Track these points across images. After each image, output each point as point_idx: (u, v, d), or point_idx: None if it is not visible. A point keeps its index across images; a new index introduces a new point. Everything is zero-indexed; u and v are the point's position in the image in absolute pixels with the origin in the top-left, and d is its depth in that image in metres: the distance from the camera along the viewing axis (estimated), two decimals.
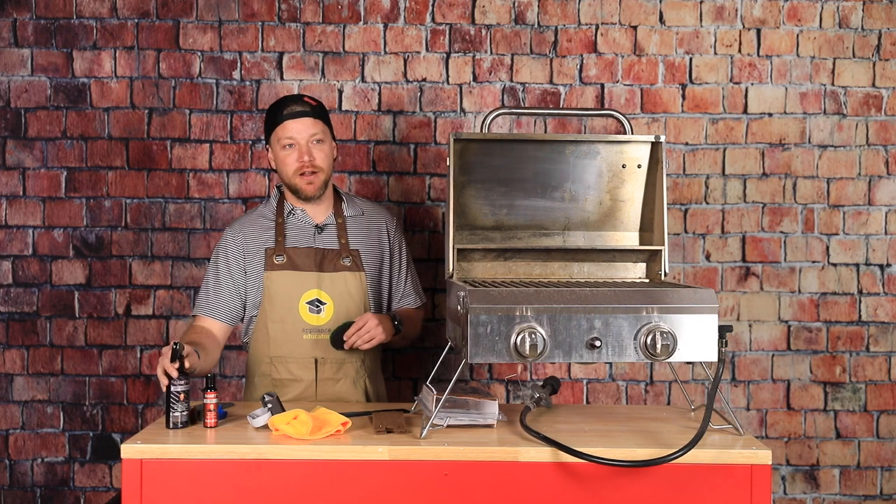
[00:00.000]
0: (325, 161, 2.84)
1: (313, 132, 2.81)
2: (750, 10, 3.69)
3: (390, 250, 2.98)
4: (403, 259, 3.02)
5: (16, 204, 3.68)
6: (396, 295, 3.00)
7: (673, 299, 2.27)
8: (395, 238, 3.00)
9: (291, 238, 2.88)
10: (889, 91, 3.70)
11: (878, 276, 3.71)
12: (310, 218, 2.90)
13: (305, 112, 2.80)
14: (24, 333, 3.68)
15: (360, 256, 2.89)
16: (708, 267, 3.71)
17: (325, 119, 2.87)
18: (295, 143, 2.81)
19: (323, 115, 2.87)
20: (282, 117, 2.81)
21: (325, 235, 2.89)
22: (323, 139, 2.83)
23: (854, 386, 3.71)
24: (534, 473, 2.24)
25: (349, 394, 2.89)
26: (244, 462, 2.25)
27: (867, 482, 3.71)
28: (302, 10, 3.67)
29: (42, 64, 3.67)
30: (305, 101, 2.85)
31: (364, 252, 2.91)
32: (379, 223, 2.98)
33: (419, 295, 3.06)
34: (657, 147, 2.67)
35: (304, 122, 2.80)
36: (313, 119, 2.81)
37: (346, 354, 2.86)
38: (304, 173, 2.81)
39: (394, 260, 2.98)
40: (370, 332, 2.73)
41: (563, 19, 3.68)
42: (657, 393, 3.72)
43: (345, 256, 2.86)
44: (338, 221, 2.91)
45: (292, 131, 2.80)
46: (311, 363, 2.86)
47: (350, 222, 2.93)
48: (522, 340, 2.20)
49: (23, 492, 3.68)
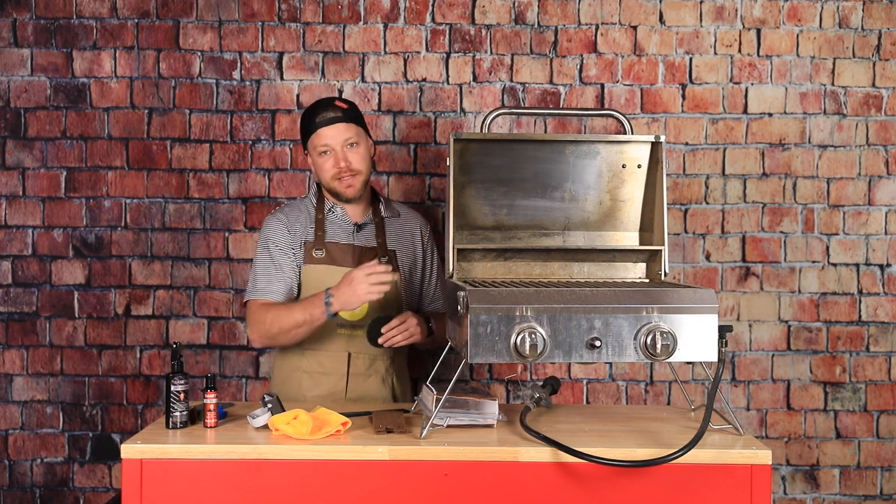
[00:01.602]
0: (362, 163, 2.87)
1: (347, 136, 2.84)
2: (750, 10, 3.69)
3: (423, 253, 3.03)
4: (435, 263, 3.06)
5: (15, 204, 3.68)
6: (426, 298, 3.05)
7: (673, 299, 2.27)
8: (428, 242, 3.06)
9: (331, 234, 2.93)
10: (889, 91, 3.70)
11: (878, 276, 3.71)
12: (348, 217, 2.96)
13: (338, 118, 2.84)
14: (24, 333, 3.68)
15: (395, 257, 2.94)
16: (708, 267, 3.71)
17: (358, 121, 2.91)
18: (330, 150, 2.85)
19: (356, 118, 2.91)
20: (315, 125, 2.85)
21: (364, 234, 2.95)
22: (358, 142, 2.87)
23: (854, 386, 3.71)
24: (534, 473, 2.24)
25: (377, 391, 2.94)
26: (244, 462, 2.25)
27: (867, 482, 3.71)
28: (302, 10, 3.67)
29: (42, 64, 3.66)
30: (337, 105, 2.88)
31: (399, 253, 2.97)
32: (413, 226, 3.04)
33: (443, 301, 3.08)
34: (657, 147, 2.67)
35: (337, 128, 2.84)
36: (346, 123, 2.85)
37: (378, 351, 2.90)
38: (343, 178, 2.85)
39: (426, 263, 3.03)
40: (409, 330, 2.79)
41: (563, 19, 3.68)
42: (657, 393, 3.71)
43: (382, 255, 2.90)
44: (375, 221, 2.96)
45: (327, 138, 2.84)
46: (343, 357, 2.90)
47: (387, 223, 2.98)
48: (522, 340, 2.20)
49: (22, 492, 3.68)
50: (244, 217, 3.68)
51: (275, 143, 3.67)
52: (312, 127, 2.86)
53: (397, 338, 2.78)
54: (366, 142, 2.92)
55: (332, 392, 2.91)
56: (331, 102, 2.90)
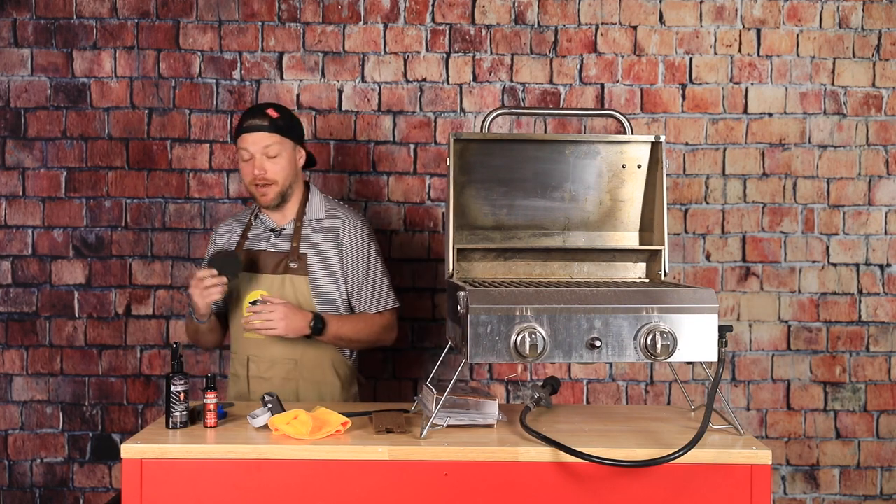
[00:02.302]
0: (279, 174, 2.89)
1: (266, 145, 2.86)
2: (750, 10, 3.69)
3: (344, 257, 2.95)
4: (361, 267, 2.97)
5: (15, 204, 3.68)
6: (355, 301, 2.99)
7: (673, 299, 2.27)
8: (350, 246, 2.96)
9: (252, 240, 2.99)
10: (889, 91, 3.70)
11: (878, 276, 3.71)
12: (271, 222, 2.99)
13: (262, 126, 2.86)
14: (24, 333, 3.68)
15: (307, 260, 2.92)
16: (708, 267, 3.71)
17: (284, 131, 2.90)
18: (250, 156, 2.88)
19: (283, 128, 2.90)
20: (241, 129, 2.89)
21: (281, 239, 2.96)
22: (278, 153, 2.88)
23: (854, 386, 3.71)
24: (534, 473, 2.24)
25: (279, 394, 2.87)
26: (244, 462, 2.25)
27: (867, 482, 3.71)
28: (302, 10, 3.67)
29: (42, 64, 3.67)
30: (267, 113, 2.89)
31: (314, 256, 2.93)
32: (336, 230, 2.96)
33: (382, 301, 2.99)
34: (657, 147, 2.67)
35: (258, 137, 2.86)
36: (269, 133, 2.86)
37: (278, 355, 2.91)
38: (258, 185, 2.89)
39: (348, 267, 2.95)
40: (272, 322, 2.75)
41: (563, 19, 3.68)
42: (657, 393, 3.72)
43: (292, 260, 2.91)
44: (296, 225, 2.96)
45: (247, 144, 2.87)
46: (244, 360, 2.97)
47: (307, 226, 2.96)
48: (522, 340, 2.20)
49: (22, 492, 3.68)
50: None
51: None
52: (239, 130, 2.90)
53: (255, 323, 2.77)
54: (290, 153, 2.92)
55: (241, 394, 2.97)
56: (262, 109, 2.91)
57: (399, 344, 3.68)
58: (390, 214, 3.70)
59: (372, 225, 3.06)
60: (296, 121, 2.98)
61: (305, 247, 2.94)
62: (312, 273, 2.92)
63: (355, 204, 3.69)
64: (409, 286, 3.70)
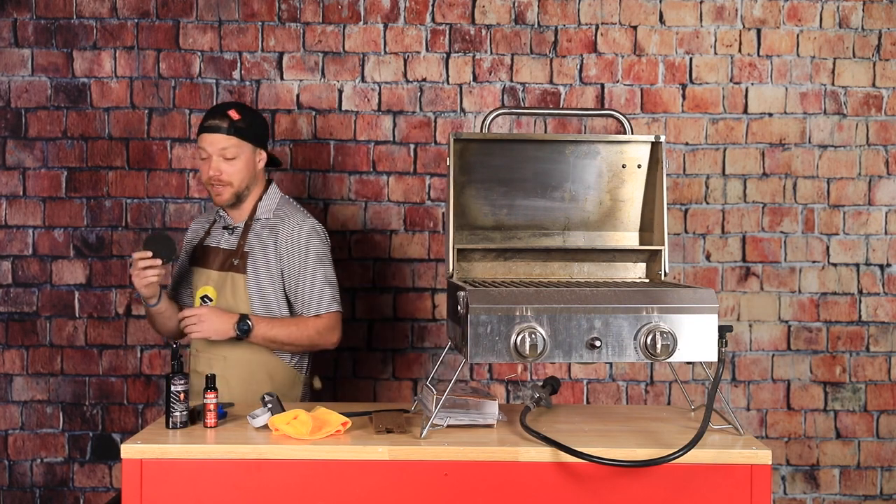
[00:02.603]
0: (235, 176, 2.91)
1: (223, 147, 2.88)
2: (750, 10, 3.69)
3: (280, 257, 2.92)
4: (296, 268, 2.92)
5: (16, 204, 3.68)
6: (293, 302, 2.96)
7: (673, 299, 2.27)
8: (287, 245, 2.92)
9: (211, 237, 3.05)
10: (889, 91, 3.70)
11: (878, 276, 3.71)
12: (229, 220, 3.03)
13: (220, 128, 2.88)
14: (24, 333, 3.68)
15: (247, 259, 2.94)
16: (708, 267, 3.71)
17: (243, 134, 2.91)
18: (208, 155, 2.91)
19: (242, 131, 2.91)
20: (201, 128, 2.92)
21: (233, 237, 3.00)
22: (236, 155, 2.90)
23: (854, 386, 3.71)
24: (534, 473, 2.24)
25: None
26: (244, 462, 2.25)
27: (867, 482, 3.71)
28: (302, 10, 3.67)
29: (42, 64, 3.67)
30: (228, 114, 2.90)
31: (256, 256, 2.94)
32: (277, 232, 2.93)
33: (320, 304, 2.93)
34: (657, 147, 2.67)
35: (216, 138, 2.89)
36: (226, 136, 2.88)
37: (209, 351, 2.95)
38: (213, 185, 2.92)
39: (285, 267, 2.93)
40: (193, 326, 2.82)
41: (563, 19, 3.68)
42: (657, 393, 3.72)
43: (235, 258, 2.94)
44: (247, 224, 2.99)
45: (205, 144, 2.91)
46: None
47: (256, 226, 2.98)
48: (522, 340, 2.20)
49: (22, 492, 3.68)
50: None
51: (274, 143, 3.67)
52: (200, 129, 2.93)
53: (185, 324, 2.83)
54: (248, 155, 2.93)
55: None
56: (224, 110, 2.92)
57: (399, 344, 3.69)
58: (390, 214, 3.70)
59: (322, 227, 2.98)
60: (258, 122, 2.98)
61: (249, 246, 2.95)
62: (251, 272, 2.92)
63: (355, 205, 3.70)
64: (409, 286, 3.71)
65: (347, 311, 3.69)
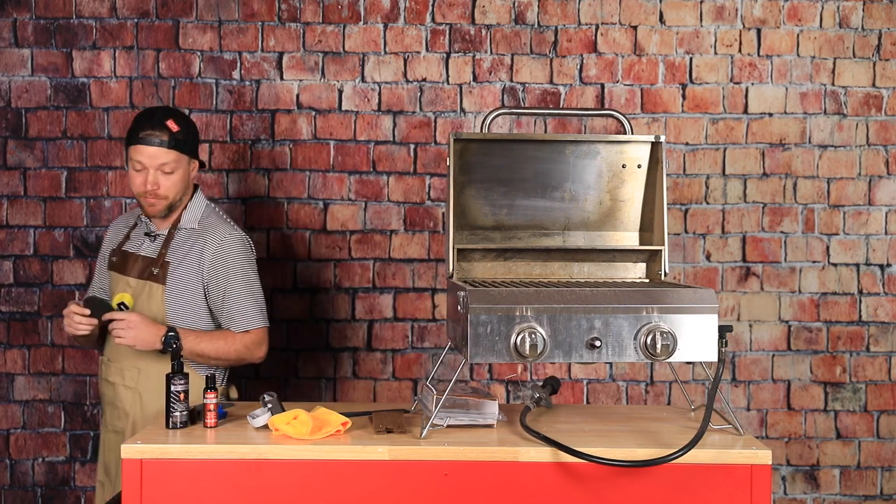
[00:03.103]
0: (171, 189, 2.84)
1: (163, 162, 2.81)
2: (750, 10, 3.69)
3: (203, 270, 2.86)
4: (223, 282, 2.86)
5: (16, 204, 3.68)
6: (219, 316, 2.90)
7: (673, 299, 2.27)
8: (213, 259, 2.86)
9: (131, 242, 2.96)
10: (889, 91, 3.69)
11: (879, 276, 3.71)
12: (152, 226, 2.95)
13: (162, 142, 2.79)
14: (25, 333, 3.68)
15: (167, 269, 2.86)
16: (708, 267, 3.71)
17: (182, 147, 2.83)
18: (144, 168, 2.82)
19: (180, 144, 2.83)
20: (137, 138, 2.81)
21: (154, 244, 2.92)
22: (174, 169, 2.83)
23: (854, 386, 3.71)
24: (534, 473, 2.24)
25: (117, 400, 2.90)
26: (244, 462, 2.25)
27: (867, 482, 3.71)
28: (302, 10, 3.67)
29: (42, 64, 3.67)
30: (167, 126, 2.81)
31: (177, 266, 2.87)
32: (202, 244, 2.87)
33: (245, 320, 2.87)
34: (657, 147, 2.67)
35: (155, 152, 2.80)
36: (167, 150, 2.80)
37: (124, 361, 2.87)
38: (147, 197, 2.84)
39: (209, 281, 2.86)
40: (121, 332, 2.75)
41: (563, 19, 3.68)
42: (657, 393, 3.72)
43: (155, 266, 2.87)
44: (169, 232, 2.91)
45: (143, 156, 2.81)
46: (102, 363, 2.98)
47: (179, 235, 2.90)
48: (522, 340, 2.20)
49: (23, 491, 3.69)
50: (243, 217, 3.68)
51: (274, 143, 3.68)
52: (135, 138, 2.82)
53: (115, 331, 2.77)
54: (185, 167, 2.86)
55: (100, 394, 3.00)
56: (162, 122, 2.82)
57: (399, 344, 3.69)
58: (390, 214, 3.70)
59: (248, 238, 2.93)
60: (193, 131, 2.91)
61: (171, 255, 2.87)
62: (170, 283, 2.85)
63: (355, 205, 3.70)
64: (410, 286, 3.71)
65: (348, 311, 3.70)
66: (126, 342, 2.76)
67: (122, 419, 2.89)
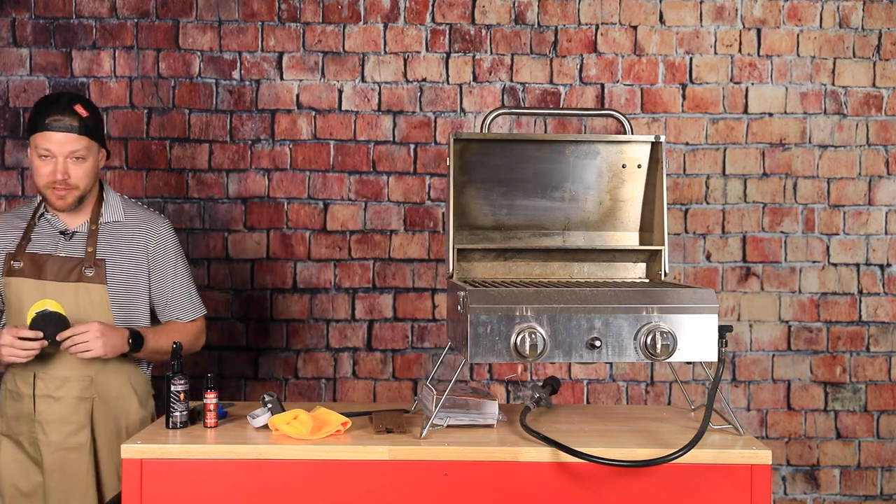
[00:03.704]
0: (83, 179, 2.65)
1: (74, 149, 2.61)
2: (750, 10, 3.69)
3: (149, 262, 2.75)
4: (168, 272, 2.78)
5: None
6: (163, 308, 2.79)
7: (673, 299, 2.27)
8: (157, 250, 2.76)
9: (36, 243, 2.70)
10: (889, 91, 3.69)
11: (879, 276, 3.70)
12: (61, 223, 2.72)
13: (72, 127, 2.59)
14: None
15: (105, 267, 2.67)
16: (708, 267, 3.71)
17: (92, 134, 2.65)
18: (52, 156, 2.61)
19: (91, 130, 2.65)
20: (44, 124, 2.59)
21: (73, 243, 2.70)
22: (85, 156, 2.63)
23: (854, 386, 3.71)
24: (534, 473, 2.24)
25: (70, 415, 2.66)
26: (244, 462, 2.25)
27: (867, 482, 3.71)
28: (302, 10, 3.67)
29: (41, 63, 3.66)
30: (76, 110, 2.62)
31: (114, 262, 2.70)
32: (138, 232, 2.75)
33: (193, 309, 2.83)
34: (657, 147, 2.67)
35: (66, 138, 2.59)
36: (78, 136, 2.60)
37: (70, 372, 2.66)
38: (56, 188, 2.63)
39: (155, 273, 2.75)
40: (87, 344, 2.54)
41: (563, 19, 3.68)
42: (657, 393, 3.71)
43: (87, 266, 2.66)
44: (91, 228, 2.71)
45: (51, 143, 2.59)
46: (29, 378, 2.66)
47: (105, 229, 2.72)
48: (522, 340, 2.20)
49: None
50: (243, 217, 3.68)
51: (274, 143, 3.67)
52: (40, 125, 2.59)
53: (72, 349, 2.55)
54: (95, 156, 2.68)
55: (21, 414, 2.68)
56: (70, 106, 2.61)
57: (399, 344, 3.69)
58: (390, 214, 3.70)
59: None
60: (100, 117, 2.72)
61: (103, 252, 2.69)
62: (112, 281, 2.68)
63: (355, 205, 3.69)
64: (409, 286, 3.70)
65: (348, 311, 3.69)
66: (96, 354, 2.56)
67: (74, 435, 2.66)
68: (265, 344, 3.69)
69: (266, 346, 3.69)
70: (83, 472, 2.67)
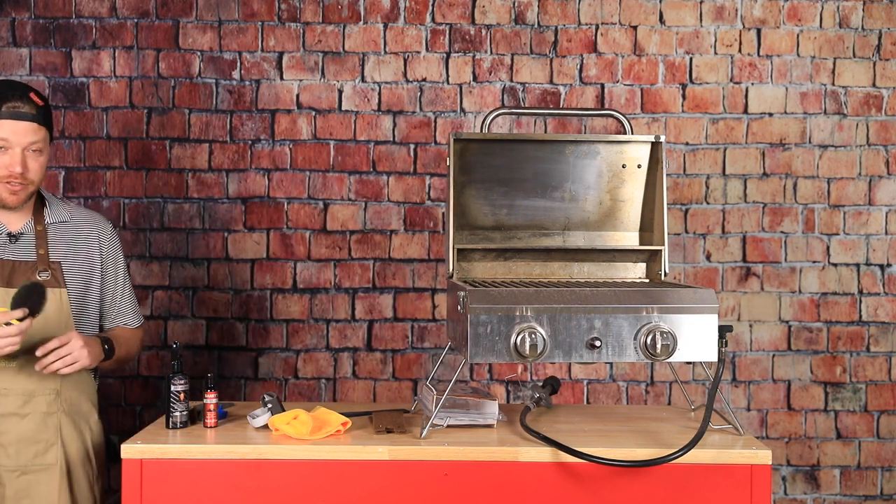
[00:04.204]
0: (39, 173, 2.47)
1: (34, 140, 2.42)
2: (750, 10, 3.69)
3: (102, 263, 2.62)
4: (120, 273, 2.66)
5: None
6: (112, 313, 2.67)
7: (673, 299, 2.27)
8: (109, 249, 2.64)
9: None
10: (889, 91, 3.69)
11: (879, 276, 3.70)
12: (2, 225, 2.51)
13: (32, 115, 2.41)
14: None
15: (61, 269, 2.51)
16: (708, 267, 3.71)
17: (49, 125, 2.49)
18: (8, 148, 2.41)
19: (48, 121, 2.48)
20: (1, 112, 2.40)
21: (21, 245, 2.50)
22: (42, 149, 2.45)
23: (854, 386, 3.70)
24: (534, 473, 2.24)
25: (38, 433, 2.47)
26: (244, 462, 2.25)
27: (867, 482, 3.71)
28: (302, 10, 3.67)
29: (41, 63, 3.66)
30: (32, 98, 2.44)
31: (68, 265, 2.53)
32: (89, 232, 2.61)
33: (138, 314, 2.74)
34: (657, 147, 2.67)
35: (26, 127, 2.40)
36: (38, 126, 2.42)
37: (36, 387, 2.46)
38: (11, 183, 2.42)
39: (108, 274, 2.63)
40: (73, 355, 2.38)
41: (563, 19, 3.68)
42: (657, 393, 3.71)
43: (42, 270, 2.47)
44: (37, 229, 2.52)
45: (9, 133, 2.40)
46: None
47: (53, 230, 2.54)
48: (522, 340, 2.20)
49: None
50: (243, 217, 3.68)
51: (274, 143, 3.67)
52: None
53: (56, 364, 2.36)
54: (48, 150, 2.51)
55: None
56: (26, 94, 2.43)
57: (399, 344, 3.69)
58: (390, 214, 3.70)
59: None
60: (51, 108, 2.56)
61: (56, 254, 2.52)
62: (70, 284, 2.52)
63: (355, 205, 3.69)
64: (410, 286, 3.70)
65: (348, 311, 3.69)
66: (82, 365, 2.42)
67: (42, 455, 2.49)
68: (265, 344, 3.69)
69: (266, 346, 3.69)
70: (54, 496, 2.48)
